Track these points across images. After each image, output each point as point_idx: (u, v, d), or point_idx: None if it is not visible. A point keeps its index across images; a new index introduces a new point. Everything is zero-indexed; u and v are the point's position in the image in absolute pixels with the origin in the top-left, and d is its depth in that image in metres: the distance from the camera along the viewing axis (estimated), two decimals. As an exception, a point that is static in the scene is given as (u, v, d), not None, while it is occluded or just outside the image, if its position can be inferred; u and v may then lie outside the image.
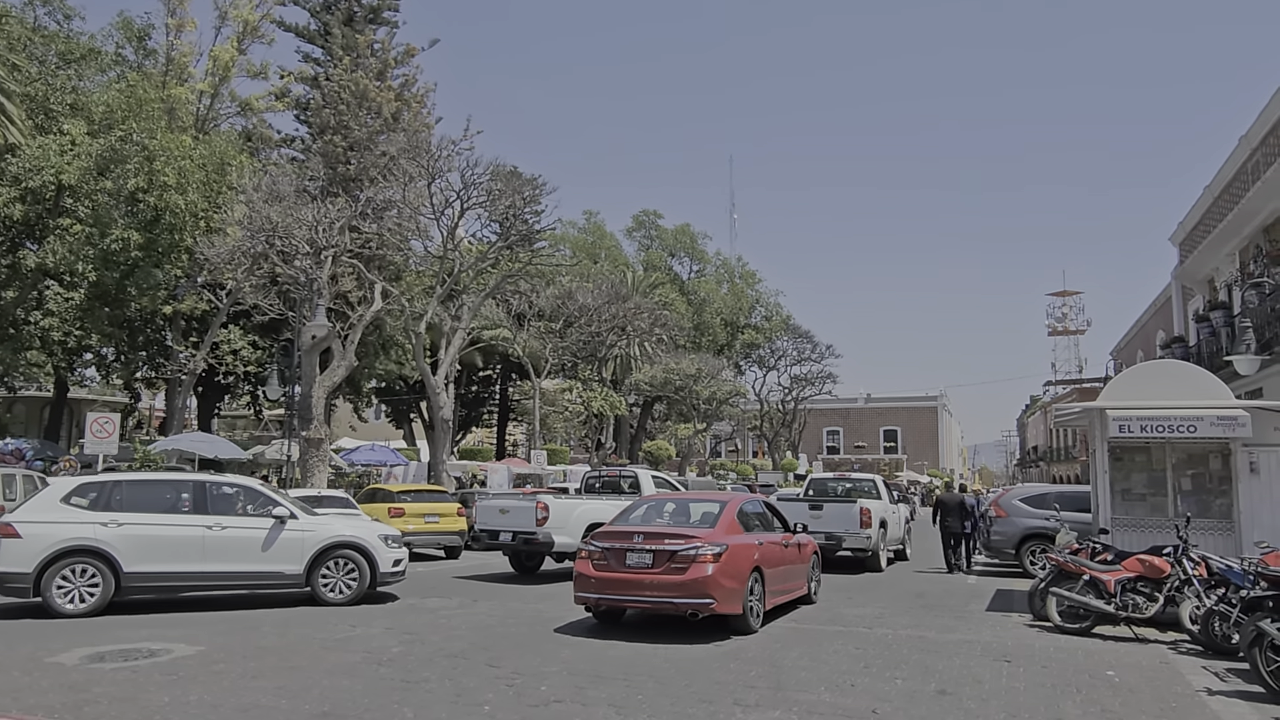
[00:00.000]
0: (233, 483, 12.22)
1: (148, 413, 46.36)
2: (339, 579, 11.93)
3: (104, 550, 10.70)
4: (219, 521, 11.33)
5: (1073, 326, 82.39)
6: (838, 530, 17.07)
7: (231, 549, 11.32)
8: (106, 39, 29.13)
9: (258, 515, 11.67)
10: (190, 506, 11.41)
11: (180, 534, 11.12)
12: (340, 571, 11.94)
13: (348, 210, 24.30)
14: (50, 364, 26.79)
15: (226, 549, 11.30)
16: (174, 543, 11.08)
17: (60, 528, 10.71)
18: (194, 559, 11.15)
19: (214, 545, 11.24)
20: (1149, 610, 10.23)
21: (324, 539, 11.87)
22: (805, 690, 7.37)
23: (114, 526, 10.83)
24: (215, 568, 11.28)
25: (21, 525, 10.68)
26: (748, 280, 62.04)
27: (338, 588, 11.90)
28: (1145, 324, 36.09)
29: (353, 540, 12.05)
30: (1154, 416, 11.60)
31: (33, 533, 10.60)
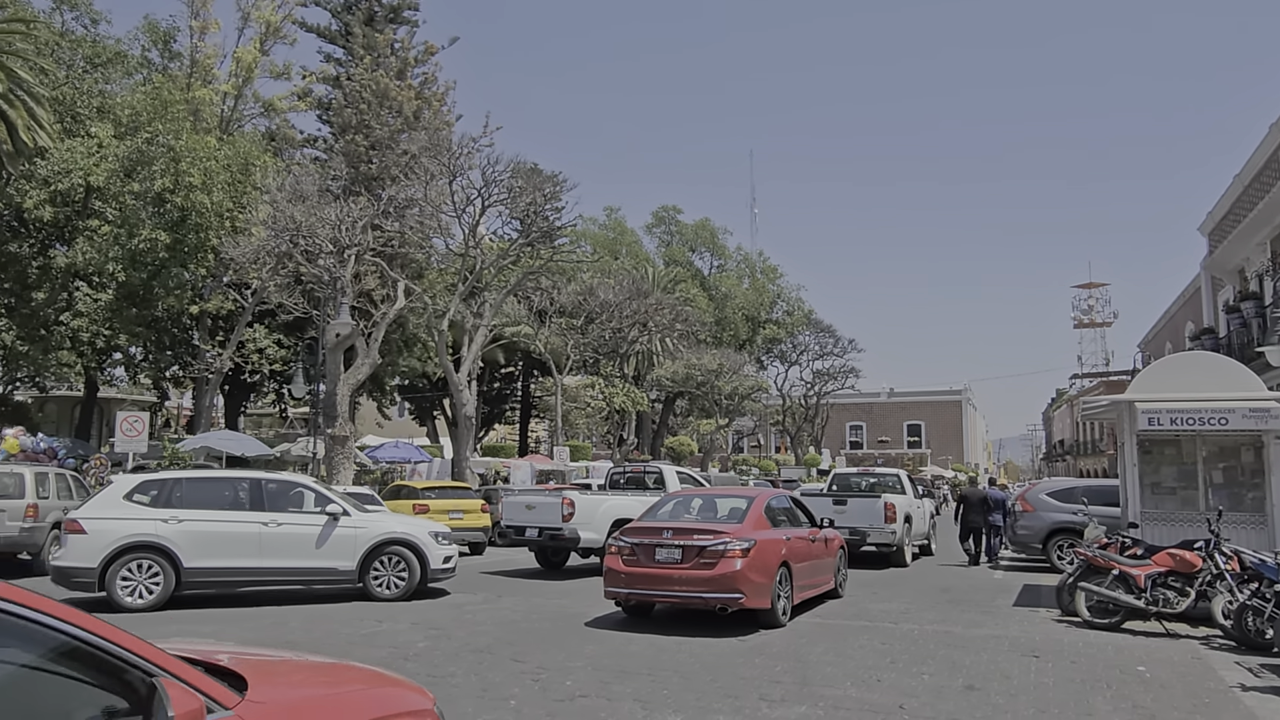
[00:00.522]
0: (288, 480, 12.41)
1: (176, 411, 46.99)
2: (389, 575, 12.00)
3: (165, 546, 10.88)
4: (275, 518, 11.48)
5: (1099, 319, 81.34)
6: (862, 525, 16.99)
7: (287, 545, 11.47)
8: (133, 42, 29.54)
9: (312, 512, 11.81)
10: (247, 503, 11.57)
11: (238, 530, 11.29)
12: (391, 568, 12.01)
13: (370, 209, 24.46)
14: (80, 364, 27.20)
15: (282, 545, 11.45)
16: (232, 539, 11.25)
17: (123, 524, 10.90)
18: (251, 555, 11.31)
19: (270, 541, 11.39)
20: (1180, 605, 10.09)
21: (376, 535, 11.96)
22: (831, 686, 7.35)
23: (174, 523, 11.02)
24: (271, 564, 11.43)
25: (87, 522, 10.90)
26: (769, 275, 61.82)
27: (388, 584, 11.98)
28: (1174, 315, 35.57)
29: (404, 537, 12.11)
30: (1184, 409, 11.43)
31: (98, 529, 10.81)
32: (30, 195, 24.29)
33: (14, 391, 33.16)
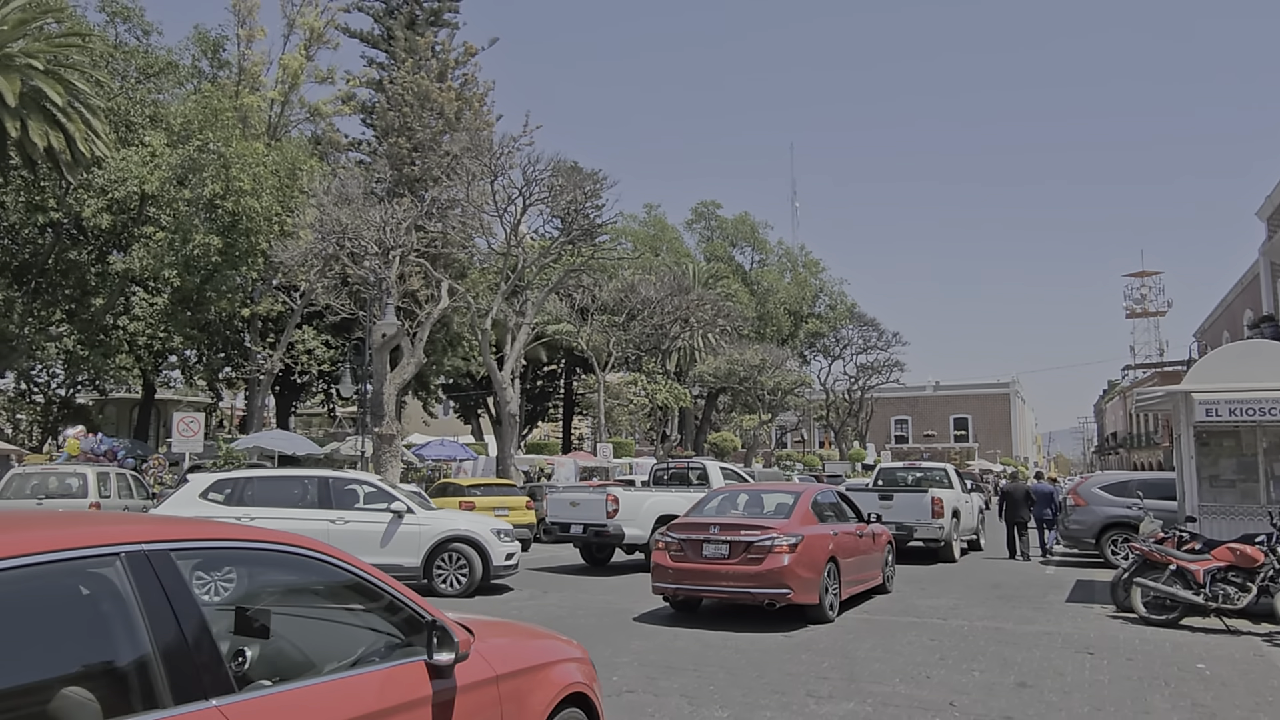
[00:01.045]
0: (355, 478, 12.67)
1: (229, 412, 48.12)
2: (452, 572, 12.16)
3: None
4: (342, 516, 11.76)
5: (1152, 308, 79.33)
6: (909, 520, 16.80)
7: (353, 542, 11.68)
8: (183, 52, 30.29)
9: (377, 510, 12.03)
10: (316, 501, 11.86)
11: (307, 527, 11.54)
12: (453, 565, 12.17)
13: (414, 210, 24.78)
14: (137, 367, 28.00)
15: (349, 542, 11.67)
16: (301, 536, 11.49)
17: None
18: None
19: (338, 538, 11.61)
20: (1241, 601, 9.83)
21: (439, 533, 12.14)
22: (879, 682, 7.30)
23: (247, 520, 11.32)
24: None
25: None
26: (811, 269, 61.31)
27: (451, 580, 12.14)
28: (1231, 303, 34.53)
29: (466, 534, 12.26)
30: (1243, 399, 11.12)
31: None
32: (88, 204, 25.05)
33: (75, 394, 34.26)
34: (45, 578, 2.23)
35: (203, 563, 2.76)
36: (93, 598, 2.36)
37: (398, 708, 2.88)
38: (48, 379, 32.85)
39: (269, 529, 3.20)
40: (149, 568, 2.40)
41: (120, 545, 2.40)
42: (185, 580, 2.49)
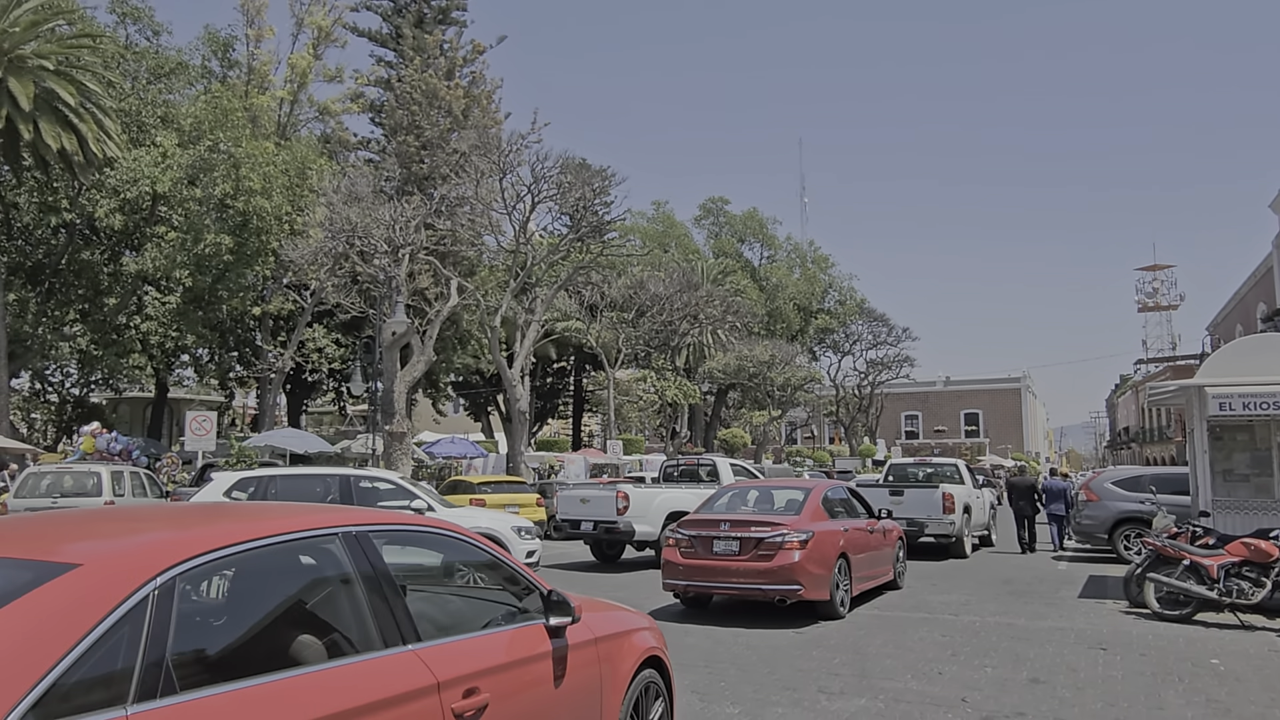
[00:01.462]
0: (375, 476, 12.72)
1: (241, 410, 48.38)
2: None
3: None
4: None
5: (1164, 302, 78.85)
6: (919, 516, 16.75)
7: None
8: (193, 52, 30.44)
9: (398, 507, 12.09)
10: (338, 499, 11.93)
11: None
12: None
13: (423, 208, 24.85)
14: (150, 366, 28.18)
15: None
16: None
17: None
18: None
19: None
20: (1256, 596, 9.77)
21: None
22: (891, 678, 7.29)
23: None
24: None
25: None
26: (820, 265, 61.17)
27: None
28: (1244, 296, 34.30)
29: (488, 532, 12.28)
30: (1257, 393, 11.04)
31: None
32: (101, 204, 25.22)
33: (89, 394, 34.52)
34: (291, 550, 2.98)
35: (387, 541, 3.37)
36: (321, 565, 3.07)
37: (528, 659, 3.58)
38: (62, 379, 33.13)
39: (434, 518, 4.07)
40: (358, 544, 3.12)
41: (338, 527, 3.12)
42: (381, 554, 3.19)
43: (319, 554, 3.05)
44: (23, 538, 2.69)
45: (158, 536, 2.78)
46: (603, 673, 4.06)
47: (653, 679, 4.51)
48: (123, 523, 3.12)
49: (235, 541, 2.71)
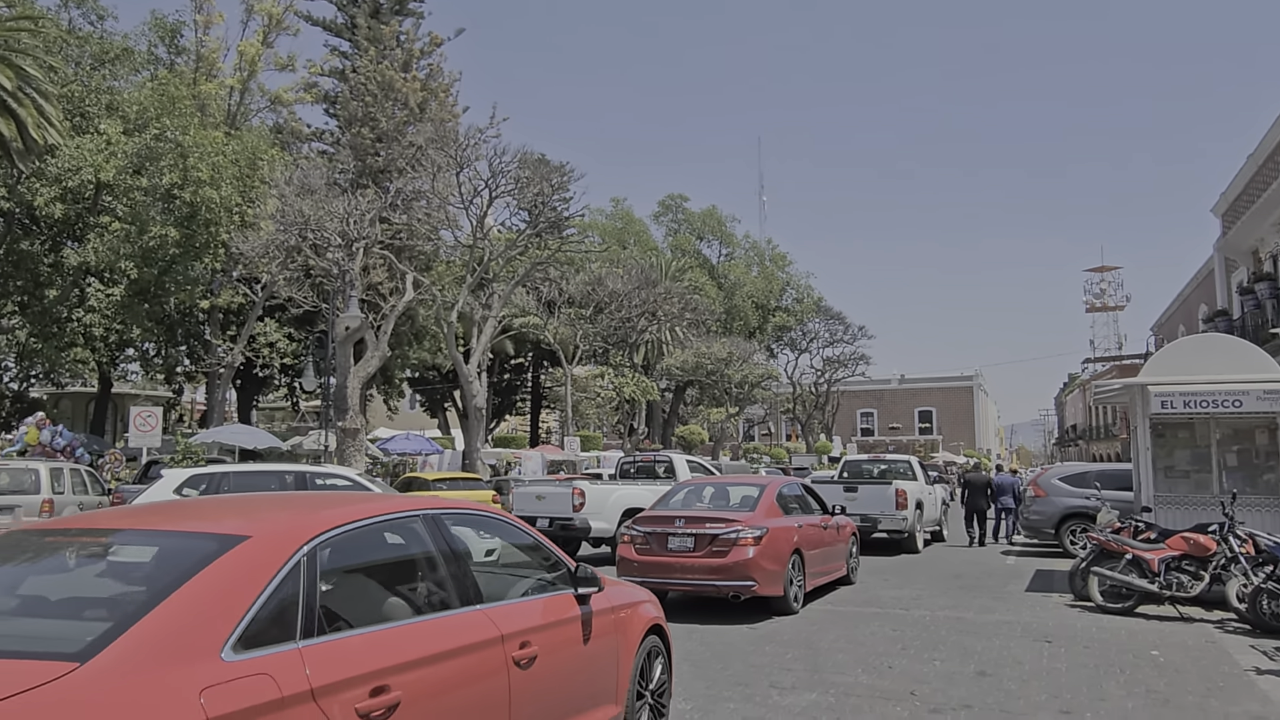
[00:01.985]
0: (331, 473, 12.46)
1: (189, 406, 47.29)
2: None
3: None
4: None
5: (1111, 303, 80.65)
6: (873, 512, 16.96)
7: None
8: (139, 38, 29.60)
9: None
10: None
11: None
12: None
13: (378, 202, 24.47)
14: (93, 360, 27.38)
15: None
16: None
17: None
18: None
19: None
20: (1194, 589, 10.04)
21: None
22: (842, 672, 7.35)
23: None
24: None
25: None
26: (778, 263, 61.58)
27: None
28: (1187, 298, 35.30)
29: None
30: (1197, 391, 11.35)
31: None
32: (41, 193, 24.41)
33: (29, 388, 33.46)
34: (390, 527, 3.75)
35: (454, 522, 4.10)
36: (410, 541, 3.81)
37: (563, 621, 4.33)
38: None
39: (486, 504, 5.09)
40: (435, 524, 3.91)
41: (419, 510, 3.94)
42: (452, 532, 3.99)
43: (408, 532, 3.83)
44: (193, 517, 3.48)
45: (298, 516, 3.46)
46: (618, 636, 4.82)
47: (655, 644, 5.29)
48: (263, 507, 3.90)
49: (353, 519, 3.49)
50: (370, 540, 3.61)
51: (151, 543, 3.23)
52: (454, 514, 4.15)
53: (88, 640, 2.50)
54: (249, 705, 2.59)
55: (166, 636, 2.59)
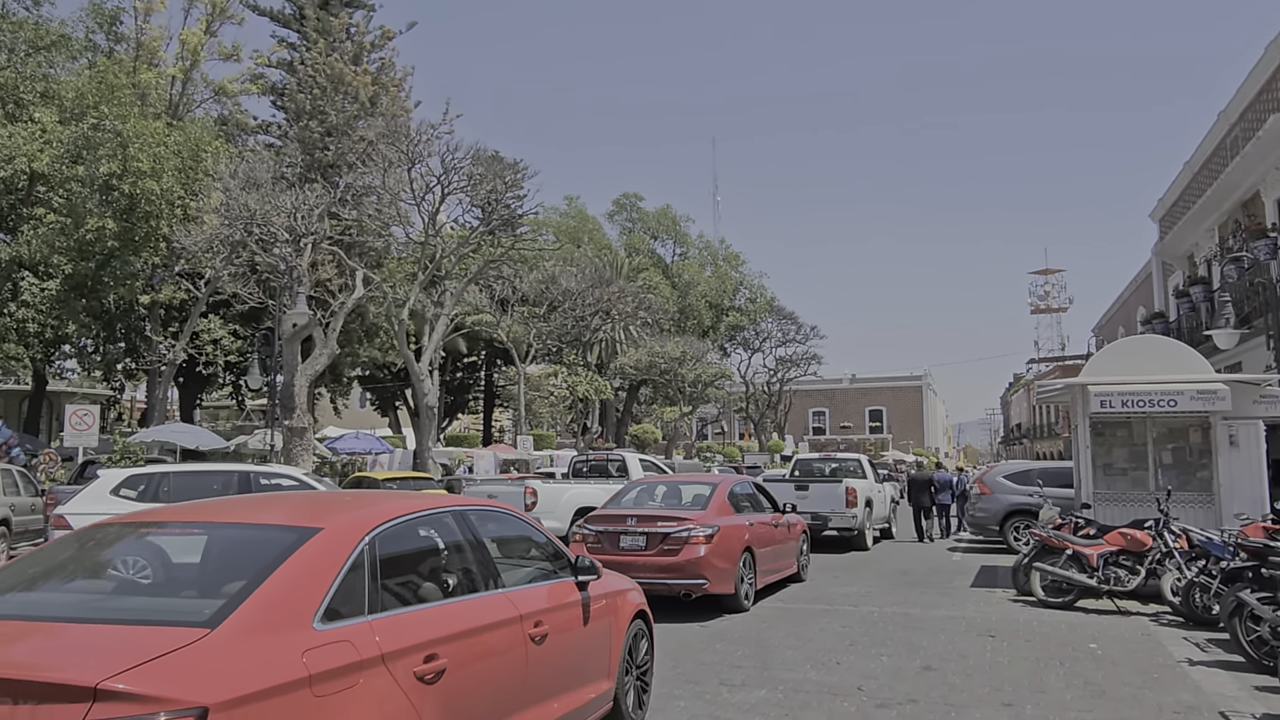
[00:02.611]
0: (276, 473, 12.17)
1: (129, 404, 45.95)
2: None
3: None
4: None
5: (1055, 304, 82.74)
6: (824, 510, 17.14)
7: None
8: (77, 24, 28.60)
9: None
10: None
11: None
12: None
13: (326, 197, 24.02)
14: (27, 357, 26.41)
15: None
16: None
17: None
18: None
19: None
20: (1131, 583, 10.33)
21: None
22: (791, 669, 7.40)
23: None
24: None
25: (73, 517, 10.68)
26: (731, 262, 61.94)
27: None
28: (1126, 300, 36.33)
29: None
30: (1135, 391, 11.66)
31: (83, 525, 10.53)
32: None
33: (-43, 385, 32.19)
34: (427, 522, 4.34)
35: (477, 518, 4.68)
36: (445, 532, 4.42)
37: (567, 605, 4.92)
38: (-74, 369, 30.77)
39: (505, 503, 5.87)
40: (462, 518, 4.55)
41: (449, 508, 4.58)
42: (476, 525, 4.61)
43: (441, 525, 4.43)
44: (270, 513, 4.18)
45: (359, 511, 4.04)
46: (611, 619, 5.44)
47: (641, 627, 5.94)
48: (327, 503, 4.52)
49: (401, 514, 4.09)
50: (414, 532, 4.21)
51: (240, 533, 3.87)
52: (477, 510, 4.80)
53: (212, 612, 3.07)
54: (337, 665, 3.18)
55: (272, 609, 3.17)
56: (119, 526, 4.10)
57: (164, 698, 2.65)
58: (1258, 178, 19.93)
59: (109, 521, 4.17)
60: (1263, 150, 18.56)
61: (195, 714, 2.68)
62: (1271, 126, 17.60)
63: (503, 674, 4.17)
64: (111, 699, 2.60)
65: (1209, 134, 24.11)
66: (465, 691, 3.82)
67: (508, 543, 5.01)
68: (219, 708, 2.73)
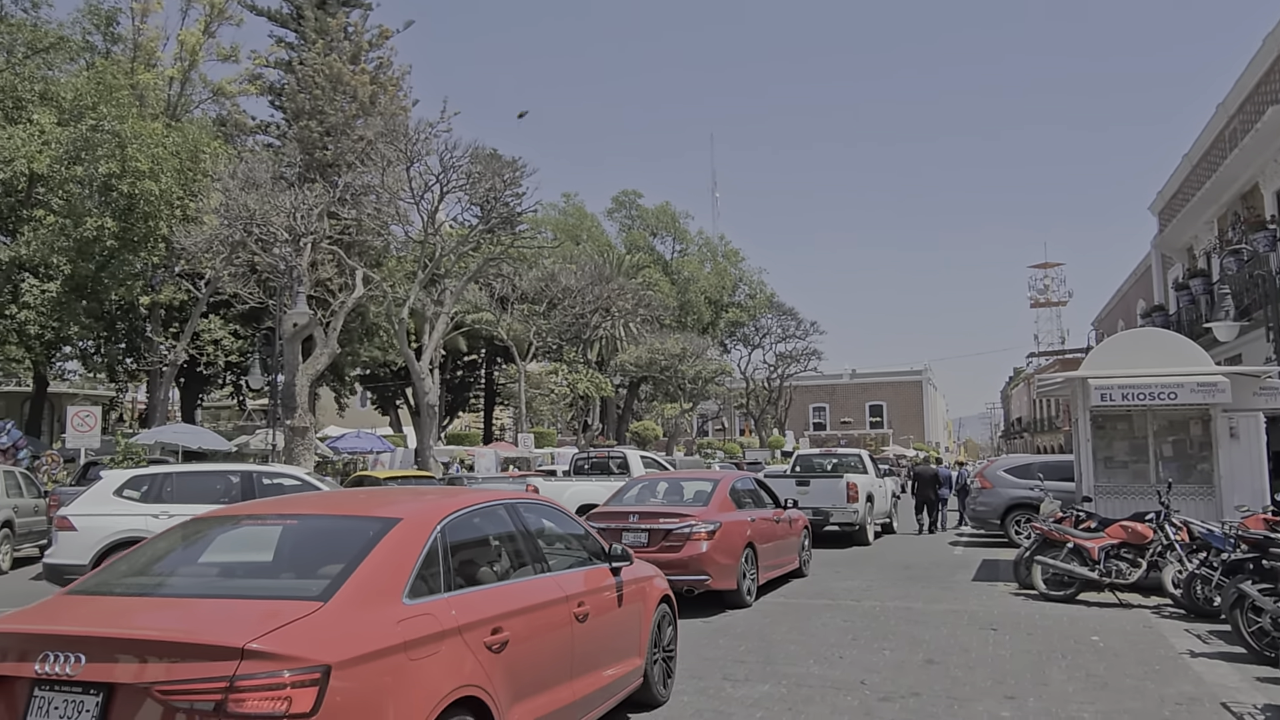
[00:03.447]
0: (279, 473, 12.17)
1: (130, 405, 45.97)
2: None
3: None
4: None
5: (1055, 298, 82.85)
6: (825, 505, 17.16)
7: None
8: (74, 26, 28.60)
9: None
10: (239, 496, 11.20)
11: None
12: None
13: (326, 196, 24.02)
14: (28, 358, 26.42)
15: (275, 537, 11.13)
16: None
17: (114, 520, 10.70)
18: None
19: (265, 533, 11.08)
20: (1132, 576, 10.35)
21: None
22: (794, 664, 7.43)
23: (165, 519, 10.66)
24: None
25: (77, 519, 10.73)
26: (730, 259, 61.93)
27: None
28: (1126, 293, 36.33)
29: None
30: (1135, 384, 11.67)
31: (88, 525, 10.61)
32: (-30, 185, 23.49)
33: (-41, 387, 32.20)
34: (484, 512, 4.84)
35: (524, 509, 5.25)
36: (497, 523, 4.93)
37: (603, 588, 5.42)
38: (-73, 372, 30.77)
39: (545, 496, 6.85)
40: (513, 510, 5.09)
41: (502, 501, 5.10)
42: (524, 516, 5.15)
43: (496, 516, 4.94)
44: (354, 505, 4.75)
45: (430, 503, 4.58)
46: (641, 603, 5.90)
47: (666, 611, 6.34)
48: (402, 496, 5.16)
49: (464, 506, 4.64)
50: (475, 522, 4.71)
51: (329, 523, 4.49)
52: (525, 503, 5.37)
53: (321, 589, 3.62)
54: (424, 634, 3.74)
55: (370, 586, 3.71)
56: (218, 519, 4.70)
57: (297, 656, 3.20)
58: (1256, 170, 19.92)
59: (207, 515, 4.80)
60: (1261, 142, 18.55)
61: (321, 670, 3.22)
62: (1270, 118, 17.59)
63: (554, 648, 4.68)
64: (256, 657, 3.14)
65: (1208, 126, 24.09)
66: (524, 661, 4.33)
67: (550, 531, 5.48)
68: (339, 666, 3.28)
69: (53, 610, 3.81)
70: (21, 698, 3.33)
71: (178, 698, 3.13)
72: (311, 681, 3.19)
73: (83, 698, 3.24)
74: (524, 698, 4.31)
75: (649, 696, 6.01)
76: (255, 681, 3.11)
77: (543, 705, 4.49)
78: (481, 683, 3.95)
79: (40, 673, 3.27)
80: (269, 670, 3.13)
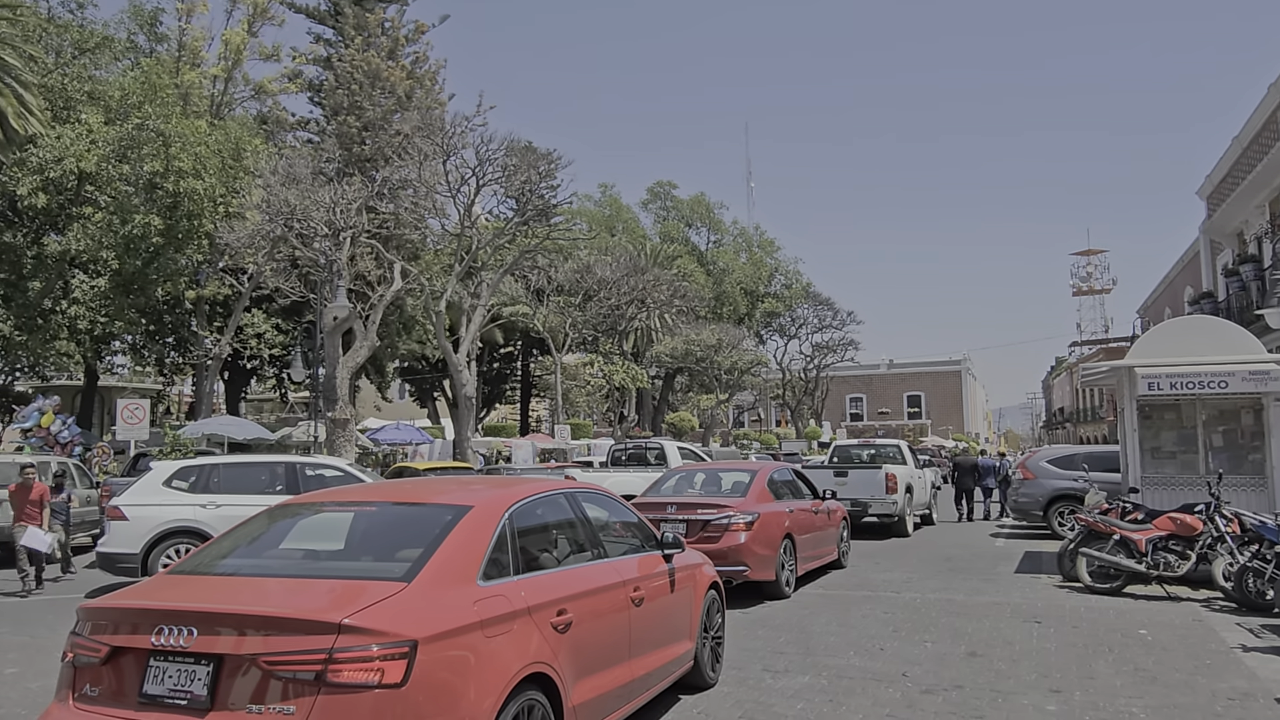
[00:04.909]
0: (322, 464, 12.41)
1: (177, 398, 47.02)
2: None
3: (204, 531, 10.80)
4: None
5: (1098, 286, 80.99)
6: (863, 496, 17.03)
7: (324, 528, 11.38)
8: (119, 26, 29.21)
9: None
10: (284, 488, 11.47)
11: None
12: None
13: (364, 191, 24.30)
14: (79, 353, 27.14)
15: (320, 528, 11.33)
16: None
17: (163, 510, 11.01)
18: None
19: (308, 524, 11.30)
20: (1181, 568, 10.15)
21: None
22: (834, 655, 7.40)
23: (212, 508, 11.01)
24: None
25: (128, 508, 11.03)
26: (766, 249, 61.56)
27: None
28: (1173, 280, 35.48)
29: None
30: (1184, 373, 11.42)
31: (139, 515, 10.92)
32: (23, 183, 24.13)
33: (14, 382, 33.18)
34: (547, 501, 5.09)
35: (583, 498, 5.51)
36: (559, 512, 5.19)
37: (657, 574, 5.62)
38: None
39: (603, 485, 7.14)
40: (574, 498, 5.39)
41: (562, 490, 5.38)
42: (583, 504, 5.43)
43: (557, 504, 5.19)
44: (427, 493, 5.09)
45: (498, 492, 4.82)
46: (691, 589, 6.12)
47: (714, 598, 6.53)
48: (472, 485, 5.46)
49: (529, 495, 4.90)
50: (539, 509, 4.94)
51: (406, 510, 4.73)
52: (583, 492, 5.65)
53: (404, 570, 3.87)
54: (498, 614, 3.97)
55: (449, 568, 3.97)
56: (301, 505, 5.10)
57: (388, 632, 3.45)
58: (1311, 152, 19.32)
59: (291, 501, 5.16)
60: (1316, 123, 17.98)
61: (409, 645, 3.47)
62: (1326, 98, 17.04)
63: (613, 629, 4.93)
64: (351, 632, 3.39)
65: (1259, 108, 23.41)
66: (587, 642, 4.57)
67: (607, 519, 5.71)
68: (425, 640, 3.53)
69: (160, 588, 4.17)
70: (139, 667, 3.58)
71: (282, 668, 3.37)
72: (401, 655, 3.42)
73: (195, 667, 3.48)
74: (586, 675, 4.51)
75: (699, 679, 6.22)
76: (352, 654, 3.35)
77: (604, 683, 4.70)
78: (549, 660, 4.16)
79: (156, 644, 3.51)
80: (363, 644, 3.38)
